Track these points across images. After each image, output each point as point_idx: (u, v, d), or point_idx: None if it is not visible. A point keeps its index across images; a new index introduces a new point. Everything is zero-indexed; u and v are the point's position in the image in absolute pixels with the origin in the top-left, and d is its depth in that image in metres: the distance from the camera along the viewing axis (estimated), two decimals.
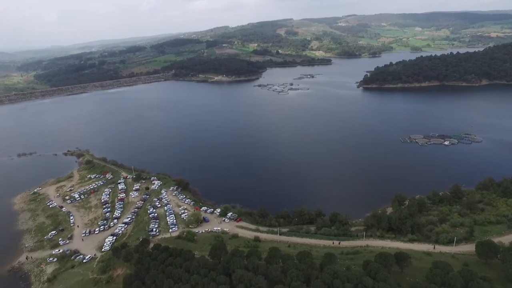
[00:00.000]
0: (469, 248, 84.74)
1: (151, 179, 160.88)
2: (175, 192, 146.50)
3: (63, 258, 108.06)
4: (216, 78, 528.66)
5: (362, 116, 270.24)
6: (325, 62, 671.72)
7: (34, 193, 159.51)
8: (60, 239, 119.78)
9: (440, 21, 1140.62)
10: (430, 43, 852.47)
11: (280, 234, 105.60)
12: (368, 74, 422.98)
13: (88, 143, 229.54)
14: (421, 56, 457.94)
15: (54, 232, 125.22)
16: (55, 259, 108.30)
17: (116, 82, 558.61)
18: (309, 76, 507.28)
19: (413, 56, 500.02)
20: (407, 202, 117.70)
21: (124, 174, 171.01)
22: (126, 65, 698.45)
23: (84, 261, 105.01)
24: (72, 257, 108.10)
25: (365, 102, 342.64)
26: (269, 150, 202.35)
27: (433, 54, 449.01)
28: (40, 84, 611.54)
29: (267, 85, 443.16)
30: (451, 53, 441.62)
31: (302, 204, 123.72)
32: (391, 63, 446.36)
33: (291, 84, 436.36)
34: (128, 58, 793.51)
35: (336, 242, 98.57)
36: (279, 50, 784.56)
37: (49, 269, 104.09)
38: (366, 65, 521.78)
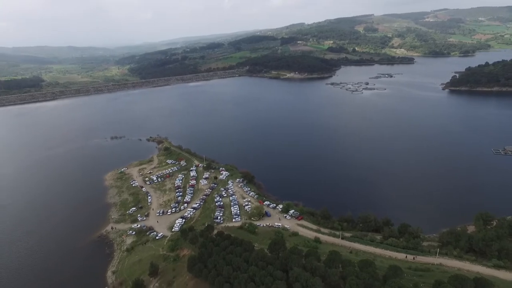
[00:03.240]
0: None
1: (220, 170, 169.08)
2: (240, 184, 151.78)
3: (140, 233, 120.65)
4: (288, 75, 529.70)
5: (446, 121, 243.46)
6: (407, 61, 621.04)
7: (121, 172, 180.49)
8: (139, 215, 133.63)
9: None
10: None
11: (342, 238, 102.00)
12: (457, 75, 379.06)
13: (167, 131, 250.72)
14: None
15: (134, 208, 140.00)
16: (134, 233, 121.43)
17: (195, 76, 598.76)
18: (387, 76, 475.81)
19: None
20: (494, 223, 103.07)
21: (196, 162, 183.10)
22: (205, 61, 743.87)
23: (157, 238, 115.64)
24: (147, 233, 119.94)
25: (451, 106, 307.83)
26: (337, 151, 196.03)
27: None
28: (132, 76, 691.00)
29: (340, 83, 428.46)
30: None
31: (368, 210, 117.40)
32: (487, 63, 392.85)
33: (366, 83, 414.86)
34: (207, 54, 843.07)
35: (409, 257, 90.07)
36: (356, 48, 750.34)
37: (128, 240, 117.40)
38: (455, 65, 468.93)
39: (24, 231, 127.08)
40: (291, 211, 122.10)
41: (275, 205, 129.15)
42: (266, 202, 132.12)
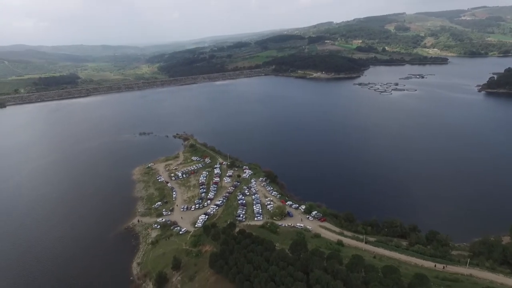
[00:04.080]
0: None
1: (243, 168, 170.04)
2: (263, 183, 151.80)
3: (164, 227, 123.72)
4: (314, 74, 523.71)
5: (481, 124, 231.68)
6: (440, 61, 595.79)
7: (148, 167, 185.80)
8: (163, 210, 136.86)
9: None
10: None
11: (366, 243, 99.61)
12: (495, 76, 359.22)
13: (193, 129, 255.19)
14: None
15: (160, 203, 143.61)
16: (159, 226, 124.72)
17: (221, 75, 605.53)
18: (418, 76, 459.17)
19: None
20: None
21: (220, 160, 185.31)
22: (231, 60, 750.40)
23: (180, 232, 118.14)
24: (171, 227, 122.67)
25: (487, 108, 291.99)
26: (363, 153, 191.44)
27: None
28: (161, 74, 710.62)
29: (368, 83, 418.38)
30: None
31: (394, 214, 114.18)
32: None
33: (396, 84, 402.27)
34: (234, 53, 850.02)
35: (439, 266, 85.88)
36: (386, 47, 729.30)
37: (153, 234, 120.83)
38: (493, 66, 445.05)
39: (57, 221, 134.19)
40: (314, 212, 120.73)
41: (297, 205, 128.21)
42: (289, 202, 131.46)
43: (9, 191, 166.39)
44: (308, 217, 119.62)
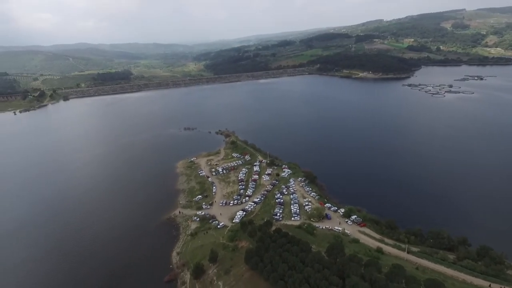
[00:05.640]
0: None
1: (282, 167, 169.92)
2: (302, 183, 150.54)
3: (203, 220, 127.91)
4: (360, 74, 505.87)
5: None
6: (503, 61, 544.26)
7: (191, 161, 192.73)
8: (203, 203, 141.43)
9: None
10: None
11: (408, 252, 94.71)
12: None
13: (235, 126, 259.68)
14: None
15: (200, 196, 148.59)
16: (198, 219, 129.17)
17: (265, 74, 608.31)
18: (476, 78, 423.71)
19: None
20: None
21: (260, 158, 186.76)
22: (275, 58, 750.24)
23: (218, 226, 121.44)
24: (210, 221, 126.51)
25: None
26: (409, 158, 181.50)
27: None
28: (206, 72, 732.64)
29: (419, 85, 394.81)
30: None
31: (440, 225, 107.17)
32: None
33: (450, 86, 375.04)
34: (278, 52, 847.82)
35: (495, 286, 78.27)
36: (441, 46, 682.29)
37: (193, 226, 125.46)
38: None
39: (107, 209, 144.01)
40: (353, 217, 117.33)
41: (336, 208, 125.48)
42: (327, 205, 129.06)
43: (66, 179, 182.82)
44: (347, 221, 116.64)
